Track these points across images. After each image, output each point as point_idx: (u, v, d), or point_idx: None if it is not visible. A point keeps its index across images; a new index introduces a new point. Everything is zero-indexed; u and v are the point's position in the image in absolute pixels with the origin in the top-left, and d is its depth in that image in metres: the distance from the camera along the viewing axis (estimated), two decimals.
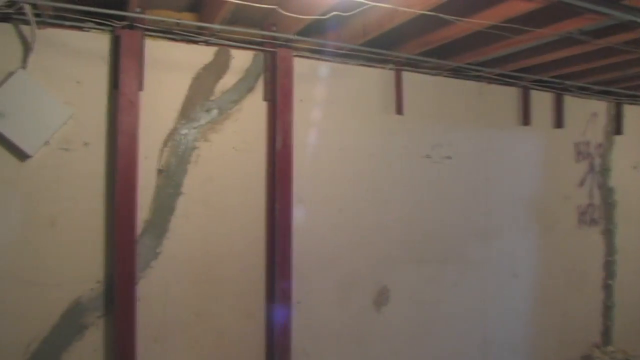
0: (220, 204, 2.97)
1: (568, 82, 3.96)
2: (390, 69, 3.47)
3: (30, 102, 2.49)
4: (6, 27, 2.49)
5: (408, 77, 3.53)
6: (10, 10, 2.37)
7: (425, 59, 3.29)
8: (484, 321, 3.91)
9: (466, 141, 3.80)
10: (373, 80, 3.43)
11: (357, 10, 2.51)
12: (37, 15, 2.46)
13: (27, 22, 2.46)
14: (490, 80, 3.85)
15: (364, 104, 3.40)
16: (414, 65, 3.50)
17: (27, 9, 2.38)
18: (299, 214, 3.12)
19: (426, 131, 3.63)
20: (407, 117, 3.53)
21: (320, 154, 3.25)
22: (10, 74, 2.47)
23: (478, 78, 3.80)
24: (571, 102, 4.36)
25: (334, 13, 2.53)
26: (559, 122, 4.29)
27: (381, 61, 3.39)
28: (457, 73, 3.67)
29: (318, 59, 3.24)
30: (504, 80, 3.82)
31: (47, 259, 2.57)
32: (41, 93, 2.52)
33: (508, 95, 4.03)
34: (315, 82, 3.24)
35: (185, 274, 2.88)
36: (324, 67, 3.26)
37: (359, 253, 3.37)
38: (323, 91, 3.27)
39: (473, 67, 3.52)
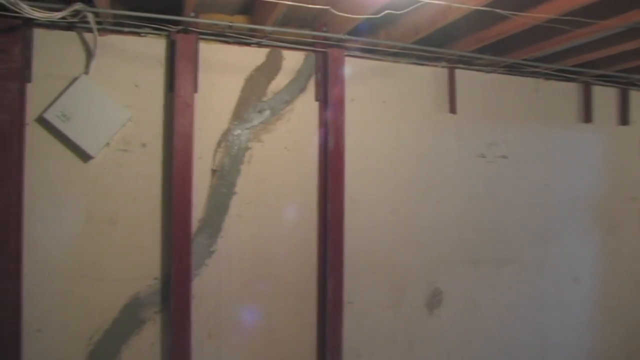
0: (273, 204, 3.00)
1: (635, 76, 3.76)
2: (442, 67, 3.41)
3: (92, 106, 2.60)
4: (71, 36, 2.62)
5: (461, 74, 3.46)
6: (74, 20, 2.48)
7: (479, 55, 3.21)
8: (541, 327, 3.76)
9: (523, 140, 3.68)
10: (425, 78, 3.38)
11: (410, 8, 2.48)
12: (98, 23, 2.57)
13: (89, 30, 2.58)
14: (548, 76, 3.71)
15: (416, 102, 3.35)
16: (467, 63, 3.43)
17: (90, 17, 2.49)
18: (350, 214, 3.11)
19: (480, 130, 3.54)
20: (461, 115, 3.46)
21: (372, 154, 3.23)
22: (75, 80, 2.59)
23: (535, 74, 3.67)
24: (638, 98, 4.14)
25: (387, 12, 2.50)
26: (624, 119, 4.08)
27: (433, 59, 3.34)
28: (513, 69, 3.56)
29: (369, 58, 3.22)
30: (562, 75, 3.67)
31: (107, 256, 2.68)
32: (102, 97, 2.63)
33: (567, 92, 3.87)
34: (367, 82, 3.22)
35: (238, 272, 2.93)
36: (375, 67, 3.24)
37: (411, 254, 3.33)
38: (375, 90, 3.25)
39: (530, 63, 3.40)
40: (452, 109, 3.43)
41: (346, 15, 2.59)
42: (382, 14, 2.52)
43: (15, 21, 2.43)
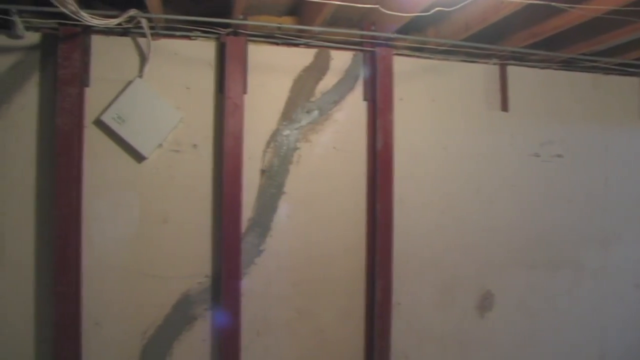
0: (321, 204, 3.01)
1: None
2: (494, 63, 3.32)
3: (146, 108, 2.69)
4: (126, 41, 2.72)
5: (513, 71, 3.36)
6: (129, 25, 2.57)
7: (533, 51, 3.11)
8: (600, 335, 3.60)
9: (580, 138, 3.53)
10: (476, 76, 3.30)
11: (461, 4, 2.42)
12: (151, 27, 2.66)
13: (143, 35, 2.67)
14: (607, 70, 3.55)
15: (467, 101, 3.28)
16: (519, 59, 3.32)
17: (144, 22, 2.58)
18: (399, 214, 3.08)
19: (534, 128, 3.42)
20: (513, 113, 3.35)
21: (421, 154, 3.19)
22: (129, 83, 2.69)
23: (593, 69, 3.51)
24: None
25: (437, 9, 2.46)
26: None
27: (484, 56, 3.25)
28: (569, 65, 3.42)
29: (418, 56, 3.18)
30: (623, 70, 3.49)
31: (160, 254, 2.76)
32: (155, 99, 2.71)
33: (628, 87, 3.68)
34: (416, 80, 3.18)
35: (286, 272, 2.95)
36: (424, 65, 3.19)
37: (462, 255, 3.26)
38: (424, 89, 3.20)
39: (587, 57, 3.26)
40: (504, 107, 3.34)
41: (395, 13, 2.56)
42: (432, 11, 2.47)
43: (75, 29, 2.54)
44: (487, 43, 3.01)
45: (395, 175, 3.04)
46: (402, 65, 3.12)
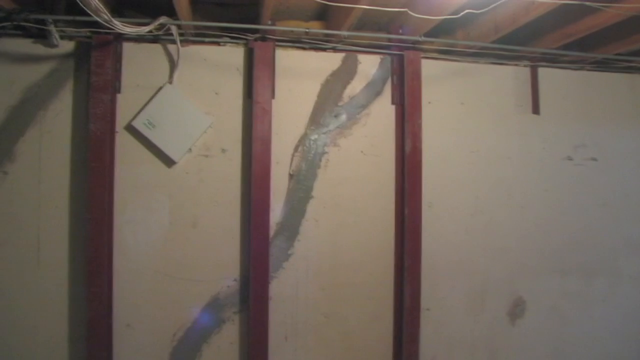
0: (349, 208, 3.00)
1: None
2: (524, 65, 3.26)
3: (176, 114, 2.73)
4: (156, 48, 2.77)
5: (545, 73, 3.29)
6: (159, 32, 2.62)
7: (565, 52, 3.04)
8: (639, 346, 3.48)
9: (615, 141, 3.42)
10: (505, 78, 3.25)
11: (491, 6, 2.39)
12: (181, 34, 2.70)
13: (173, 42, 2.72)
14: None
15: (497, 103, 3.23)
16: (551, 60, 3.26)
17: (174, 29, 2.63)
18: (428, 219, 3.05)
19: (567, 131, 3.34)
20: (545, 116, 3.28)
21: (451, 157, 3.15)
22: (159, 89, 2.74)
23: (629, 69, 3.41)
24: None
25: (467, 11, 2.43)
26: None
27: (514, 58, 3.20)
28: (603, 65, 3.33)
29: (446, 59, 3.15)
30: None
31: (189, 257, 2.80)
32: (185, 105, 2.76)
33: None
34: (444, 84, 3.15)
35: (314, 275, 2.95)
36: (452, 68, 3.16)
37: (492, 260, 3.20)
38: (453, 92, 3.17)
39: (623, 57, 3.17)
40: (535, 110, 3.28)
41: (423, 16, 2.54)
42: (462, 14, 2.44)
43: (107, 37, 2.61)
44: (517, 45, 2.96)
45: (424, 179, 3.01)
46: (431, 69, 3.10)
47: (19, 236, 2.64)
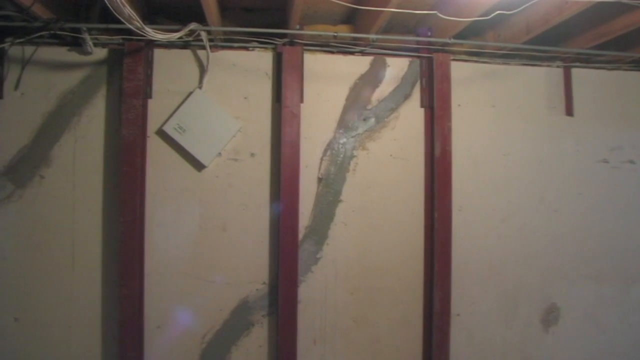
0: (378, 212, 2.99)
1: None
2: (557, 66, 3.19)
3: (205, 118, 2.77)
4: (186, 53, 2.82)
5: (578, 73, 3.21)
6: (189, 38, 2.66)
7: (600, 52, 2.96)
8: None
9: None
10: (537, 79, 3.19)
11: (523, 6, 2.35)
12: (210, 40, 2.74)
13: (202, 47, 2.76)
14: None
15: (529, 106, 3.17)
16: (585, 61, 3.18)
17: (203, 35, 2.67)
18: (458, 223, 3.01)
19: (602, 133, 3.24)
20: (579, 117, 3.21)
21: (481, 160, 3.10)
22: (189, 94, 2.78)
23: None
24: None
25: (498, 12, 2.39)
26: None
27: (546, 59, 3.14)
28: None
29: (476, 61, 3.11)
30: None
31: (219, 260, 2.82)
32: (215, 109, 2.79)
33: None
34: (474, 86, 3.11)
35: (343, 279, 2.94)
36: (483, 70, 3.11)
37: (524, 265, 3.13)
38: (483, 95, 3.12)
39: None
40: (569, 111, 3.20)
41: (453, 18, 2.51)
42: (492, 15, 2.41)
43: (139, 44, 2.66)
44: (550, 45, 2.90)
45: (454, 183, 2.97)
46: (460, 71, 3.06)
47: (54, 238, 2.72)
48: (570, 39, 2.93)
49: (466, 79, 3.09)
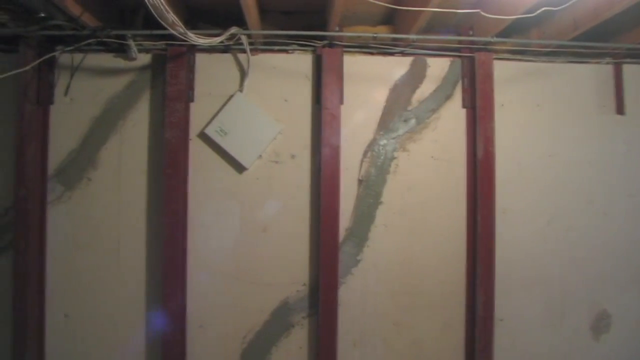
0: (420, 214, 2.95)
1: None
2: (607, 63, 3.08)
3: (246, 121, 2.80)
4: (226, 57, 2.86)
5: (630, 70, 3.08)
6: (230, 42, 2.70)
7: None
8: None
9: None
10: (585, 77, 3.08)
11: (570, 2, 2.26)
12: (250, 43, 2.77)
13: (242, 51, 2.80)
14: None
15: (576, 104, 3.07)
16: (637, 56, 3.05)
17: (244, 39, 2.70)
18: (502, 225, 2.94)
19: None
20: (630, 116, 3.08)
21: (526, 161, 3.02)
22: (230, 97, 2.82)
23: None
24: None
25: (543, 9, 2.32)
26: None
27: (595, 55, 3.03)
28: None
29: (520, 60, 3.03)
30: None
31: (260, 262, 2.85)
32: (255, 112, 2.82)
33: None
34: (518, 85, 3.03)
35: (383, 282, 2.92)
36: (527, 68, 3.03)
37: (571, 270, 3.03)
38: (527, 94, 3.04)
39: None
40: (620, 110, 3.08)
41: (496, 16, 2.46)
42: (538, 11, 2.34)
43: (181, 49, 2.72)
44: (599, 41, 2.80)
45: (497, 185, 2.91)
46: (503, 70, 2.99)
47: (101, 239, 2.80)
48: (620, 34, 2.82)
49: (509, 78, 3.02)
